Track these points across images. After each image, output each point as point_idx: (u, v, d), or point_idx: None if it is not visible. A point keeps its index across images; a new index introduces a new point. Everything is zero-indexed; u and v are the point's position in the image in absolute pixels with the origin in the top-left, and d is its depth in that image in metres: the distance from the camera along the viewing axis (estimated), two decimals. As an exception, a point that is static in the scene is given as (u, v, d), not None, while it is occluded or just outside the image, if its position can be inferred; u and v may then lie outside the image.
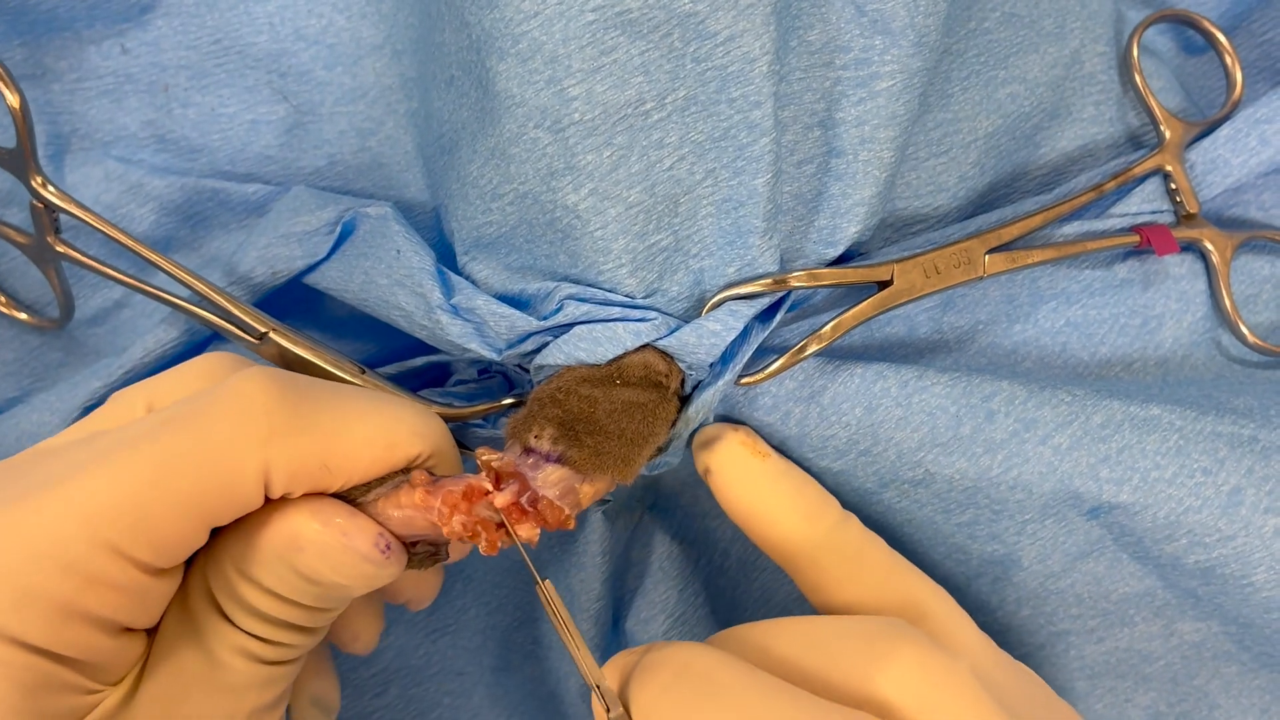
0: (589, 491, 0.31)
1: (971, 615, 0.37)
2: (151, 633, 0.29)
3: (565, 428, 0.30)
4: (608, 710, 0.27)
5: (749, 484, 0.33)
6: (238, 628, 0.28)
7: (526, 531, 0.29)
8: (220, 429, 0.26)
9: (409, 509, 0.29)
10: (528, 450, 0.30)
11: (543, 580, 0.29)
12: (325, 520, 0.28)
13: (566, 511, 0.30)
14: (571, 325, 0.32)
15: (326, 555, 0.28)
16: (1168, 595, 0.36)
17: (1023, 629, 0.37)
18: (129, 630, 0.27)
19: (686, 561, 0.40)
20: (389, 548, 0.29)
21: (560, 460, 0.30)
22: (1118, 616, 0.37)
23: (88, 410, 0.36)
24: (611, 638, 0.38)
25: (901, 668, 0.26)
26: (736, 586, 0.40)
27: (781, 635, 0.29)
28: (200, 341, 0.37)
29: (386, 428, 0.29)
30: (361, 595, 0.32)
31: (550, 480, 0.30)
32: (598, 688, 0.28)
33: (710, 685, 0.26)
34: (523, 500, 0.29)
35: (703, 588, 0.40)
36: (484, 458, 0.30)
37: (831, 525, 0.33)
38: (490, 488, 0.29)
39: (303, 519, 0.28)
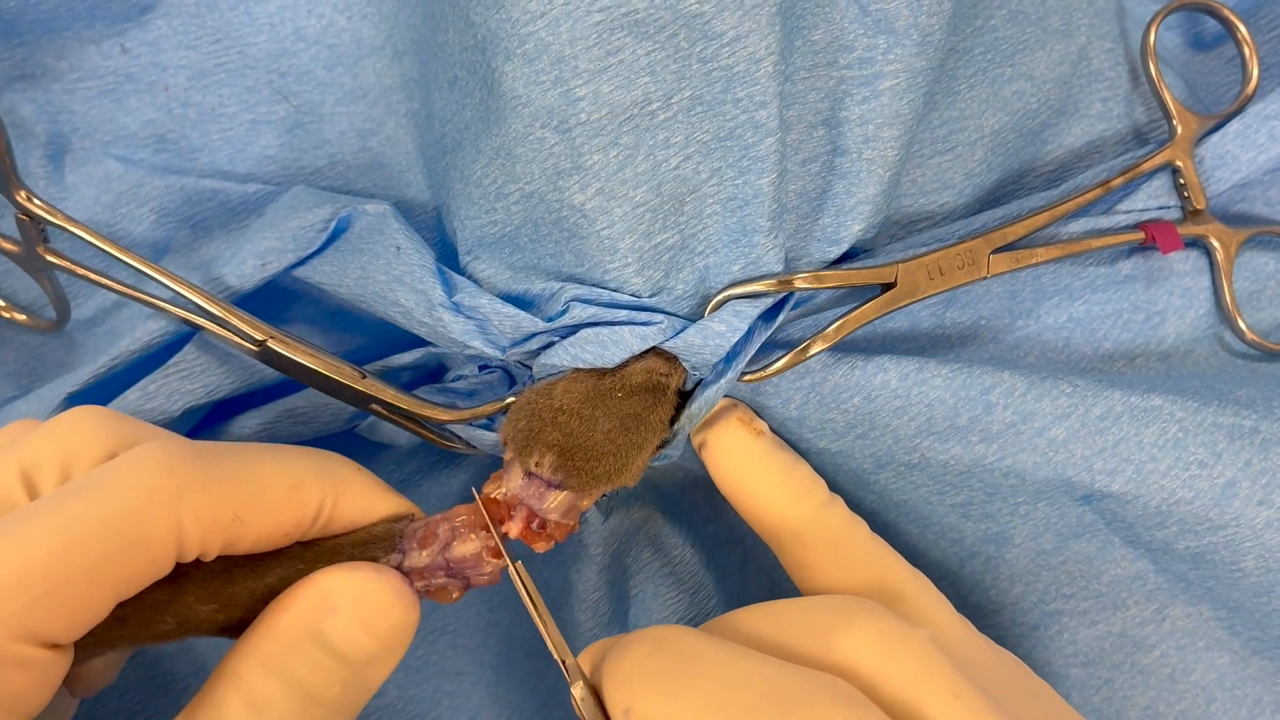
0: (588, 503, 0.33)
1: (965, 595, 0.37)
2: None
3: (565, 455, 0.31)
4: (572, 684, 0.28)
5: (742, 458, 0.34)
6: None
7: (542, 547, 0.31)
8: (130, 491, 0.26)
9: (429, 555, 0.30)
10: (529, 474, 0.32)
11: (515, 562, 0.31)
12: (351, 571, 0.29)
13: (572, 524, 0.32)
14: (578, 327, 0.32)
15: (361, 606, 0.28)
16: (1159, 579, 0.37)
17: (1016, 607, 0.37)
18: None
19: (698, 565, 0.40)
20: (420, 589, 0.30)
21: (560, 486, 0.32)
22: (1110, 599, 0.37)
23: (71, 401, 0.35)
24: (615, 630, 0.38)
25: (859, 634, 0.27)
26: (745, 590, 0.40)
27: (751, 617, 0.30)
28: (187, 334, 0.37)
29: (289, 469, 0.29)
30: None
31: (555, 506, 0.32)
32: (563, 662, 0.29)
33: (684, 654, 0.27)
34: (533, 525, 0.31)
35: (715, 591, 0.40)
36: (490, 495, 0.32)
37: (819, 505, 0.33)
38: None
39: (331, 575, 0.28)
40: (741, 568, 0.41)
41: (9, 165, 0.34)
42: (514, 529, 0.31)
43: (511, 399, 0.35)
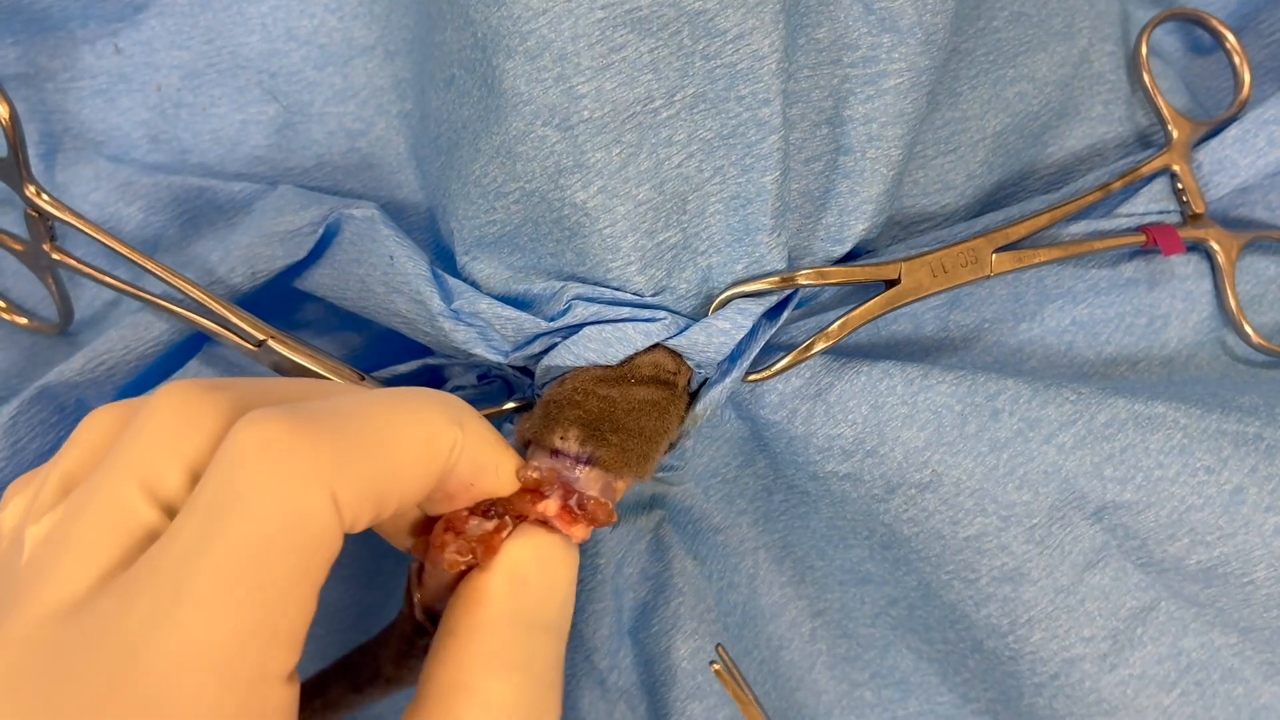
0: (620, 488, 0.31)
1: (981, 640, 0.37)
2: None
3: (590, 428, 0.30)
4: None
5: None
6: None
7: (580, 533, 0.29)
8: (285, 502, 0.23)
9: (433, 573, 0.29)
10: (555, 453, 0.30)
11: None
12: (531, 536, 0.28)
13: (611, 503, 0.30)
14: (580, 326, 0.31)
15: (547, 564, 0.28)
16: (1170, 607, 0.36)
17: (1035, 656, 0.36)
18: None
19: (702, 578, 0.40)
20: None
21: (590, 461, 0.30)
22: (1127, 637, 0.36)
23: (43, 395, 0.35)
24: (618, 642, 0.37)
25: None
26: (749, 601, 0.40)
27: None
28: (182, 342, 0.36)
29: (421, 424, 0.26)
30: None
31: (590, 479, 0.30)
32: None
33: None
34: (571, 503, 0.29)
35: (715, 602, 0.40)
36: (523, 473, 0.29)
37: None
38: (466, 514, 0.29)
39: (517, 547, 0.28)
40: (754, 583, 0.41)
41: (22, 159, 0.34)
42: (552, 507, 0.28)
43: (510, 405, 0.35)
